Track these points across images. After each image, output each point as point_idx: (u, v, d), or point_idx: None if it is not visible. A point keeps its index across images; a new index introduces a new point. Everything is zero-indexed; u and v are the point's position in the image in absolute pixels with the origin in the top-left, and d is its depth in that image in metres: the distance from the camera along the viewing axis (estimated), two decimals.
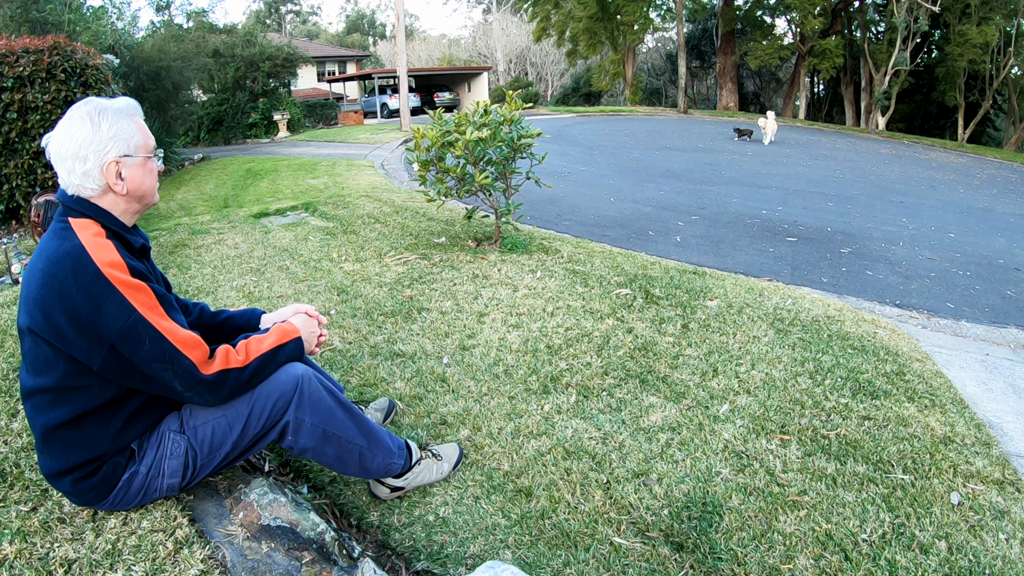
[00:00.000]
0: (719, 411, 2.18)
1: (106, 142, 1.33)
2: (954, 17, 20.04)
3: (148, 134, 1.43)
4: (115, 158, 1.35)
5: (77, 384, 1.34)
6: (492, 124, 3.77)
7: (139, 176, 1.40)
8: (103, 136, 1.33)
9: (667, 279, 3.50)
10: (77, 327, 1.27)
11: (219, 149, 14.17)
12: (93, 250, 1.29)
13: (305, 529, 1.50)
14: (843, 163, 11.58)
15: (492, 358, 2.59)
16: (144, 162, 1.41)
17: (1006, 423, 2.24)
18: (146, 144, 1.41)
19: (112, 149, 1.34)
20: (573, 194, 6.96)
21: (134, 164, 1.38)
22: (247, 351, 1.46)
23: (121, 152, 1.36)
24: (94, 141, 1.32)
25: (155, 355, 1.31)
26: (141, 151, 1.40)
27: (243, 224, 5.31)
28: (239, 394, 1.47)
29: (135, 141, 1.38)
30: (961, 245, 5.60)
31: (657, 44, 35.98)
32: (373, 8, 61.23)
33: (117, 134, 1.35)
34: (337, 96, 29.26)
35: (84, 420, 1.37)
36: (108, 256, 1.30)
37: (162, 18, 15.25)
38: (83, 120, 1.33)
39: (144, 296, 1.31)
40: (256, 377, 1.46)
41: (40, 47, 5.30)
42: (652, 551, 1.57)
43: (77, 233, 1.31)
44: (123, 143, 1.36)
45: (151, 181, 1.44)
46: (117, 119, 1.36)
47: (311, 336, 1.64)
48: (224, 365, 1.40)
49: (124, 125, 1.37)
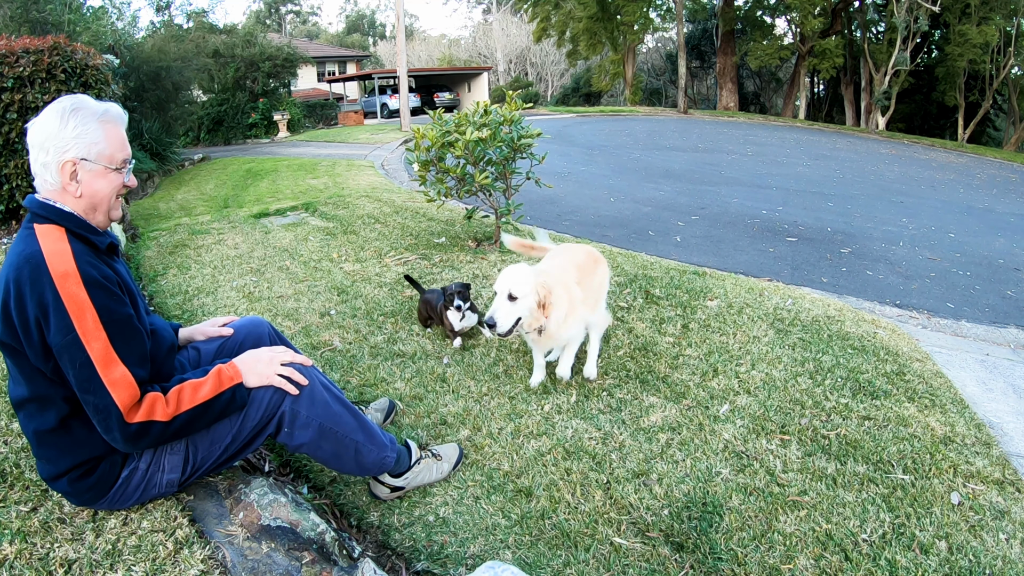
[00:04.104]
0: (719, 411, 2.18)
1: (68, 140, 1.32)
2: (954, 17, 20.03)
3: (119, 146, 1.38)
4: (73, 159, 1.33)
5: (53, 390, 1.33)
6: (492, 124, 3.77)
7: (95, 185, 1.36)
8: (66, 134, 1.32)
9: (667, 279, 3.50)
10: (28, 335, 1.26)
11: (219, 149, 14.18)
12: (51, 258, 1.27)
13: (305, 529, 1.50)
14: (843, 163, 11.58)
15: (492, 358, 2.59)
16: (104, 172, 1.37)
17: (1006, 423, 2.24)
18: (111, 155, 1.37)
19: (72, 149, 1.32)
20: (573, 194, 6.95)
21: (92, 171, 1.35)
22: (177, 401, 1.35)
23: (80, 155, 1.33)
24: (57, 136, 1.32)
25: (81, 383, 1.26)
26: (103, 160, 1.36)
27: (243, 224, 5.31)
28: (163, 444, 1.40)
29: (98, 148, 1.35)
30: (961, 245, 5.60)
31: (657, 44, 35.98)
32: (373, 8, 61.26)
33: (80, 136, 1.33)
34: (337, 96, 29.24)
35: (72, 424, 1.36)
36: (63, 265, 1.26)
37: (162, 18, 15.27)
38: (56, 113, 1.33)
39: (87, 317, 1.25)
40: (184, 431, 1.38)
41: (40, 47, 5.29)
42: (652, 551, 1.57)
43: (39, 239, 1.30)
44: (84, 147, 1.33)
45: (106, 192, 1.38)
46: (86, 121, 1.33)
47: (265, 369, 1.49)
48: (148, 416, 1.31)
49: (91, 129, 1.33)
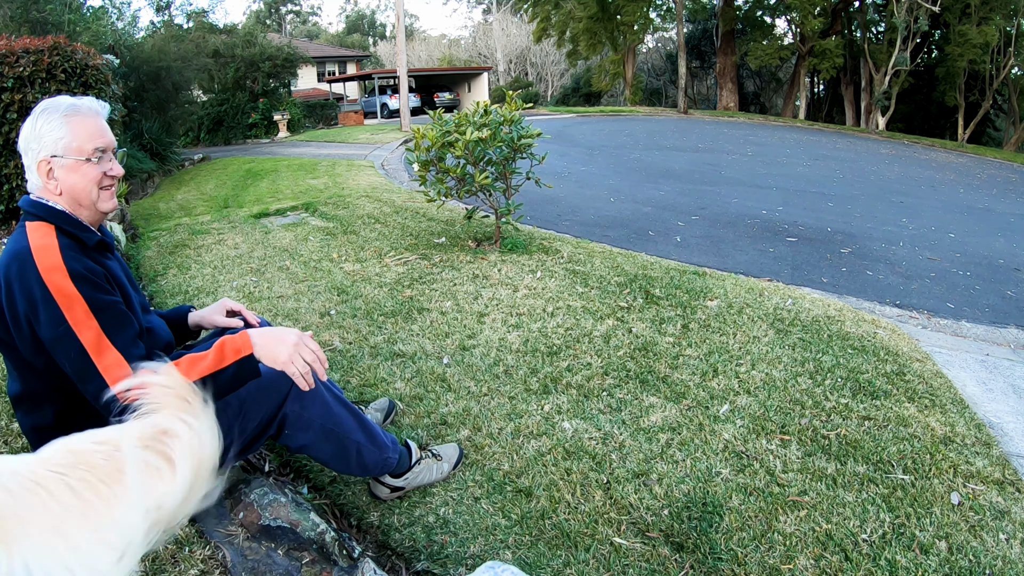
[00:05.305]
0: (719, 411, 2.18)
1: (38, 140, 1.35)
2: (954, 17, 20.03)
3: (88, 137, 1.38)
4: (45, 157, 1.36)
5: (50, 384, 1.35)
6: (492, 124, 3.77)
7: (71, 179, 1.37)
8: (36, 134, 1.35)
9: (667, 279, 3.50)
10: (19, 331, 1.29)
11: (219, 149, 14.17)
12: (38, 253, 1.29)
13: (305, 529, 1.50)
14: (843, 163, 11.58)
15: (492, 358, 2.59)
16: (76, 165, 1.37)
17: (1006, 423, 2.24)
18: (79, 147, 1.37)
19: (44, 148, 1.35)
20: (573, 194, 6.95)
21: (64, 165, 1.37)
22: None
23: (50, 152, 1.36)
24: (31, 138, 1.36)
25: (77, 372, 1.29)
26: (72, 153, 1.37)
27: (243, 224, 5.31)
28: None
29: (64, 143, 1.36)
30: (961, 245, 5.60)
31: (657, 44, 35.97)
32: (373, 8, 61.22)
33: (47, 134, 1.35)
34: (337, 96, 29.23)
35: (70, 420, 1.37)
36: (50, 260, 1.29)
37: (162, 18, 15.24)
38: (31, 117, 1.37)
39: (77, 307, 1.27)
40: None
41: (40, 47, 5.29)
42: (652, 551, 1.57)
43: (28, 236, 1.33)
44: (51, 143, 1.35)
45: (84, 184, 1.38)
46: (50, 118, 1.35)
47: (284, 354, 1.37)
48: None
49: (55, 126, 1.35)
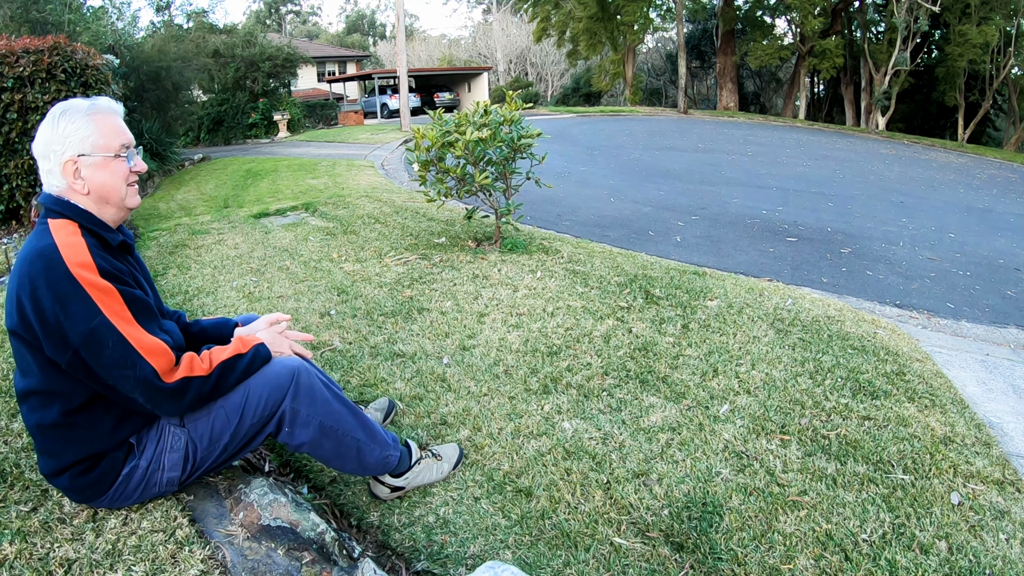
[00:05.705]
0: (719, 411, 2.18)
1: (62, 141, 1.35)
2: (954, 17, 20.01)
3: (113, 134, 1.40)
4: (71, 157, 1.36)
5: (64, 383, 1.35)
6: (492, 124, 3.77)
7: (99, 176, 1.38)
8: (59, 135, 1.35)
9: (667, 279, 3.50)
10: (45, 327, 1.28)
11: (219, 149, 14.17)
12: (65, 250, 1.30)
13: (305, 529, 1.50)
14: (843, 163, 11.57)
15: (492, 358, 2.59)
16: (105, 162, 1.39)
17: (1006, 423, 2.24)
18: (106, 144, 1.39)
19: (69, 148, 1.36)
20: (573, 194, 6.95)
21: (92, 164, 1.38)
22: (210, 360, 1.43)
23: (76, 151, 1.36)
24: (52, 140, 1.36)
25: (117, 360, 1.30)
26: (100, 151, 1.38)
27: (243, 224, 5.31)
28: (201, 405, 1.45)
29: (92, 140, 1.37)
30: (961, 245, 5.60)
31: (657, 44, 35.95)
32: (373, 8, 61.21)
33: (72, 133, 1.36)
34: (337, 96, 29.23)
35: (76, 418, 1.38)
36: (79, 257, 1.30)
37: (162, 18, 15.23)
38: (49, 120, 1.37)
39: (111, 299, 1.30)
40: (219, 387, 1.44)
41: (40, 47, 5.29)
42: (652, 551, 1.57)
43: (52, 233, 1.33)
44: (78, 142, 1.36)
45: (113, 181, 1.40)
46: (74, 118, 1.36)
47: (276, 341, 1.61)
48: (188, 372, 1.38)
49: (80, 124, 1.36)
